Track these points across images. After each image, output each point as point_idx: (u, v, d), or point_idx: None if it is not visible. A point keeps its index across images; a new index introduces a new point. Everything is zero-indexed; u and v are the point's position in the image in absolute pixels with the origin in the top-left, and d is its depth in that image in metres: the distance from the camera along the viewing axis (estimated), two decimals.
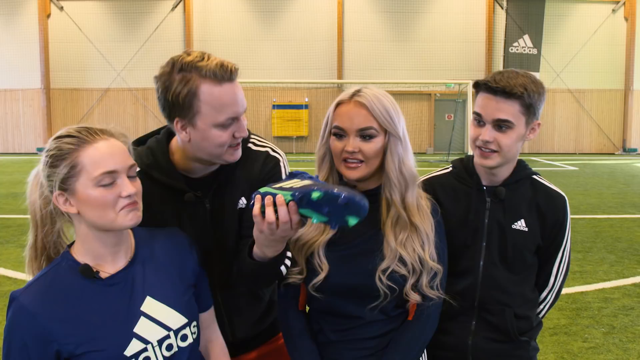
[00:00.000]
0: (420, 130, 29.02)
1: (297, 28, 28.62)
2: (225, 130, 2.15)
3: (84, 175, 1.83)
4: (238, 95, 2.15)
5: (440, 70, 28.14)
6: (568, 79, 28.84)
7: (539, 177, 2.62)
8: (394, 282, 2.16)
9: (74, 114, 29.10)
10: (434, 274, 2.22)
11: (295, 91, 28.63)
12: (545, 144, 29.73)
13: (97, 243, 1.92)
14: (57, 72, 29.08)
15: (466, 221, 2.53)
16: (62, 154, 1.84)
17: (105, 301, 1.90)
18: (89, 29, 28.61)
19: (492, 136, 2.41)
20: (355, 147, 2.16)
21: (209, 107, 2.10)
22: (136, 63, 28.67)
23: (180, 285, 2.07)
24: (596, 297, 6.83)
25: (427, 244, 2.21)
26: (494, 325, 2.53)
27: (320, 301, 2.26)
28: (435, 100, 29.32)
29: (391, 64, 28.75)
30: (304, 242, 2.25)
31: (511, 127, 2.39)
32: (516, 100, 2.36)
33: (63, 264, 1.92)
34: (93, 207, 1.85)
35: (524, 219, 2.52)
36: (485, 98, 2.41)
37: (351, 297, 2.22)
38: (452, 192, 2.60)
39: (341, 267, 2.20)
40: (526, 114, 2.40)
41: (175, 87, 2.09)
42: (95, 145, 1.86)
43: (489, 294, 2.52)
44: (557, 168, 22.38)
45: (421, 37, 28.91)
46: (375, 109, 2.16)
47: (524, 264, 2.54)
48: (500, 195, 2.52)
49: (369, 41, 28.79)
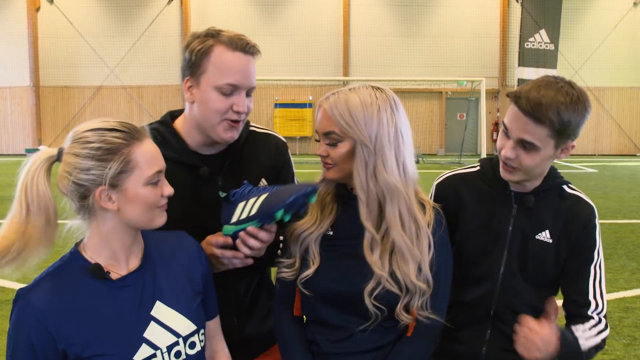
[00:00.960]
0: (430, 131, 29.03)
1: (300, 22, 28.67)
2: (223, 97, 2.30)
3: (137, 173, 1.87)
4: (247, 66, 2.31)
5: (451, 67, 28.13)
6: (587, 76, 28.77)
7: (569, 186, 2.57)
8: (382, 302, 2.15)
9: (65, 112, 29.18)
10: (425, 294, 2.19)
11: (298, 89, 28.67)
12: None
13: (117, 243, 1.95)
14: (47, 68, 29.15)
15: (489, 226, 2.51)
16: (112, 148, 1.85)
17: (114, 303, 1.92)
18: (80, 23, 28.68)
19: (514, 154, 2.35)
20: (323, 151, 2.22)
21: (214, 68, 2.28)
22: (130, 59, 28.73)
23: (189, 291, 2.09)
24: (617, 306, 6.81)
25: (411, 263, 2.16)
26: (509, 335, 2.51)
27: (311, 310, 2.29)
28: (446, 99, 29.33)
29: (400, 61, 28.76)
30: (298, 234, 2.29)
31: (536, 149, 2.33)
32: (545, 126, 2.28)
33: (72, 263, 1.94)
34: (139, 205, 1.89)
35: (549, 229, 2.49)
36: (515, 113, 2.33)
37: (338, 305, 2.23)
38: (477, 193, 2.57)
39: (330, 265, 2.23)
40: (556, 138, 2.32)
41: (192, 46, 2.31)
42: (145, 143, 1.91)
43: (506, 303, 2.51)
44: (575, 170, 22.36)
45: (432, 32, 28.91)
46: (335, 113, 2.15)
47: (544, 277, 2.50)
48: (529, 204, 2.49)
49: (377, 36, 28.81)
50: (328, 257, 2.24)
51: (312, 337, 2.33)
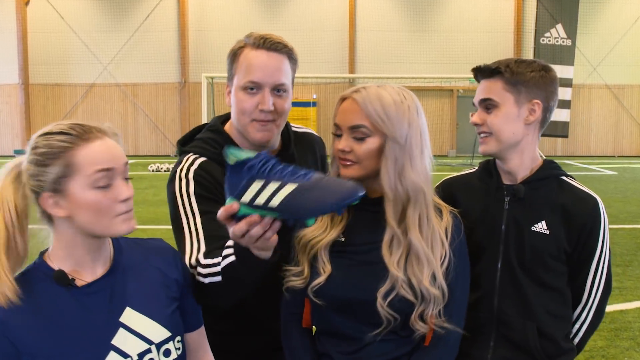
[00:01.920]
0: (441, 131, 29.01)
1: (304, 17, 28.65)
2: (248, 96, 2.44)
3: (79, 176, 1.86)
4: (268, 63, 2.44)
5: (463, 63, 28.03)
6: (606, 73, 28.76)
7: (570, 178, 2.63)
8: (396, 309, 2.16)
9: (56, 111, 29.18)
10: (438, 303, 2.20)
11: (302, 87, 28.64)
12: (580, 146, 29.67)
13: (81, 249, 1.95)
14: (37, 65, 29.16)
15: (483, 221, 2.57)
16: (54, 152, 1.87)
17: (81, 311, 1.93)
18: (72, 17, 28.69)
19: (481, 118, 2.54)
20: (347, 147, 2.20)
21: (240, 68, 2.45)
22: (125, 56, 28.74)
23: (163, 297, 2.10)
24: (637, 316, 6.82)
25: (426, 269, 2.18)
26: (515, 342, 2.52)
27: (323, 320, 2.29)
28: (457, 97, 29.33)
29: (409, 57, 28.73)
30: (307, 241, 2.29)
31: (496, 105, 2.51)
32: (498, 78, 2.50)
33: (36, 271, 1.95)
34: (88, 211, 1.88)
35: (545, 220, 2.53)
36: (479, 84, 2.58)
37: (351, 314, 2.23)
38: (471, 191, 2.66)
39: (342, 273, 2.23)
40: (514, 92, 2.50)
41: (230, 52, 2.50)
42: (92, 144, 1.89)
43: (508, 303, 2.53)
44: (593, 172, 22.34)
45: (442, 27, 28.91)
46: (369, 106, 2.17)
47: (546, 272, 2.53)
48: (519, 194, 2.55)
49: (384, 31, 28.79)
50: (340, 264, 2.24)
51: (323, 349, 2.33)
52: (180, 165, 2.50)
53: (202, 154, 2.51)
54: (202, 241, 2.28)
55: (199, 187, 2.40)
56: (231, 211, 1.87)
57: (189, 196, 2.39)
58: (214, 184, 2.41)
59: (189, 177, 2.42)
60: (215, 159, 2.47)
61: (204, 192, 2.39)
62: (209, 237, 2.28)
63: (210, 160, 2.49)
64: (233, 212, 1.87)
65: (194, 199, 2.38)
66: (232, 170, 1.90)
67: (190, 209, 2.36)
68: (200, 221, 2.32)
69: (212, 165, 2.47)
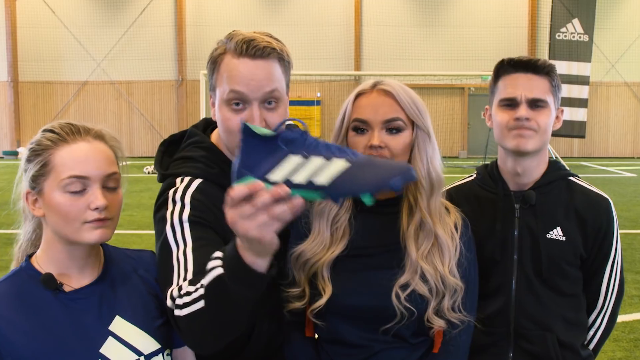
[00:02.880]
0: (451, 130, 29.00)
1: (306, 11, 28.66)
2: (233, 113, 2.21)
3: (52, 177, 1.90)
4: (256, 74, 2.18)
5: (475, 60, 28.07)
6: (625, 70, 28.73)
7: (577, 178, 2.64)
8: (413, 304, 2.16)
9: (46, 110, 29.21)
10: (456, 293, 2.22)
11: (305, 85, 28.65)
12: (598, 147, 29.63)
13: (62, 254, 1.97)
14: (27, 62, 29.20)
15: (493, 232, 2.56)
16: (38, 149, 1.92)
17: (68, 316, 1.94)
18: (64, 12, 28.72)
19: (530, 114, 2.50)
20: (382, 142, 2.17)
21: (221, 79, 2.23)
22: (119, 52, 28.78)
23: (153, 308, 2.12)
24: None
25: (447, 259, 2.21)
26: (535, 355, 2.52)
27: (328, 328, 2.28)
28: (469, 95, 29.32)
29: (418, 53, 28.72)
30: (306, 259, 2.26)
31: (545, 106, 2.51)
32: (546, 77, 2.52)
33: (22, 273, 1.97)
34: (56, 214, 1.90)
35: (560, 226, 2.53)
36: (513, 77, 2.56)
37: (361, 321, 2.23)
38: (476, 201, 2.65)
39: (348, 284, 2.22)
40: (554, 95, 2.54)
41: (209, 58, 2.29)
42: (73, 145, 1.92)
43: (526, 315, 2.53)
44: (611, 174, 22.28)
45: (453, 22, 28.90)
46: (403, 98, 2.19)
47: (564, 280, 2.54)
48: (530, 200, 2.55)
49: (392, 26, 28.79)
50: (348, 274, 2.24)
51: (328, 358, 2.32)
52: (173, 187, 2.28)
53: (199, 175, 2.30)
54: (189, 271, 2.00)
55: (195, 212, 2.18)
56: (254, 189, 1.50)
57: (182, 222, 2.14)
58: (212, 210, 2.19)
59: (185, 201, 2.20)
60: (215, 180, 2.29)
61: (199, 219, 2.16)
62: (200, 269, 1.94)
63: (208, 181, 2.28)
64: (254, 191, 1.50)
65: (187, 226, 2.13)
66: (252, 146, 1.64)
67: (182, 236, 2.12)
68: (191, 248, 2.07)
69: (211, 187, 2.27)
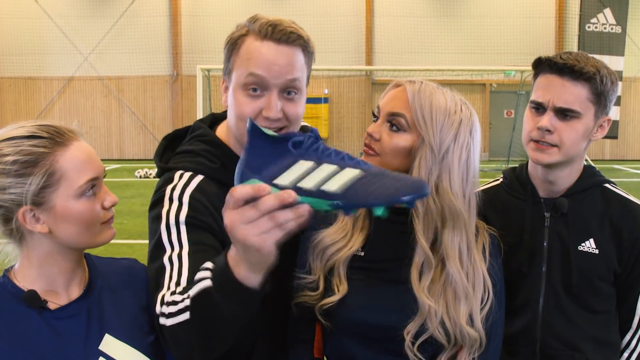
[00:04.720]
0: None
1: (314, 0, 28.67)
2: (250, 98, 2.23)
3: (65, 185, 1.88)
4: (278, 59, 2.21)
5: (497, 53, 28.03)
6: None
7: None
8: (423, 350, 2.15)
9: (29, 108, 29.23)
10: (475, 348, 2.18)
11: (312, 81, 28.04)
12: (632, 149, 29.55)
13: (55, 267, 1.97)
14: (7, 56, 29.23)
15: (521, 243, 2.53)
16: (31, 159, 1.86)
17: (55, 337, 1.93)
18: (47, 1, 28.73)
19: (553, 125, 2.42)
20: (376, 132, 2.21)
21: (241, 62, 2.24)
22: (108, 45, 28.78)
23: (144, 324, 2.12)
24: None
25: (464, 306, 2.16)
26: None
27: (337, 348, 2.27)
28: (490, 92, 29.23)
29: (434, 46, 28.68)
30: (326, 247, 2.27)
31: (577, 116, 2.40)
32: (586, 84, 2.38)
33: (1, 290, 1.96)
34: (74, 223, 1.89)
35: (594, 238, 2.50)
36: (547, 79, 2.44)
37: (371, 340, 2.21)
38: (502, 207, 2.62)
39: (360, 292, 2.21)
40: (596, 104, 2.42)
41: (228, 38, 2.30)
42: (72, 147, 1.91)
43: (553, 334, 2.51)
44: (634, 179, 22.18)
45: (473, 12, 28.85)
46: (416, 99, 2.18)
47: (595, 296, 2.51)
48: (562, 209, 2.52)
49: (407, 16, 28.76)
50: (358, 282, 2.23)
51: None
52: (171, 184, 2.28)
53: (199, 170, 2.32)
54: (183, 276, 1.97)
55: (193, 213, 2.17)
56: (259, 193, 1.45)
57: (178, 223, 2.14)
58: (210, 211, 2.20)
59: (183, 200, 2.20)
60: (215, 176, 2.32)
61: (197, 221, 2.16)
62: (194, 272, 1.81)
63: (208, 178, 2.31)
64: (260, 194, 1.45)
65: (183, 228, 2.13)
66: (258, 147, 1.61)
67: (178, 238, 2.10)
68: (187, 252, 2.05)
69: (211, 186, 2.29)
